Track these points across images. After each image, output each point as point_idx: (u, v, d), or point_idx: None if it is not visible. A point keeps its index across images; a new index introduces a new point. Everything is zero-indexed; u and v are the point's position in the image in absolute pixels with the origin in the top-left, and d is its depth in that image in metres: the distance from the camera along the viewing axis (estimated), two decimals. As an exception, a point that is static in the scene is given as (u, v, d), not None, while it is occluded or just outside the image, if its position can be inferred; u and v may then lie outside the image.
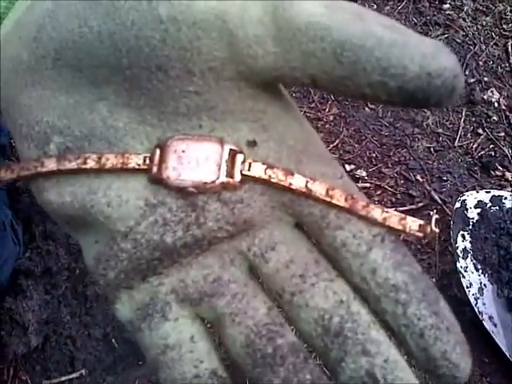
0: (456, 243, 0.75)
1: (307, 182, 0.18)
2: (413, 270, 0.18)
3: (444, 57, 0.16)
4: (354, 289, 0.18)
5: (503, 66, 0.98)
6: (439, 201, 0.85)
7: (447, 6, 1.03)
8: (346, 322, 0.18)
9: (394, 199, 0.86)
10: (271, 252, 0.19)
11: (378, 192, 0.86)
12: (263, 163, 0.19)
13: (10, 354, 0.69)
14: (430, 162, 0.89)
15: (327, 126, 0.91)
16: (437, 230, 0.18)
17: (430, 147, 0.90)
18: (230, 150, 0.18)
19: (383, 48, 0.16)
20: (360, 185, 0.86)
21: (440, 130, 0.92)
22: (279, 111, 0.19)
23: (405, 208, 0.85)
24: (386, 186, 0.87)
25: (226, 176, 0.18)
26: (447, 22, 1.02)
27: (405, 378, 0.17)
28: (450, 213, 0.82)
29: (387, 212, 0.18)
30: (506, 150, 0.90)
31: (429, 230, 0.18)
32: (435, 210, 0.84)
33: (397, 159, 0.89)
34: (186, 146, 0.18)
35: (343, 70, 0.16)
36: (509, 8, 1.03)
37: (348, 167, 0.87)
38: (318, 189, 0.18)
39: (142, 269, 0.19)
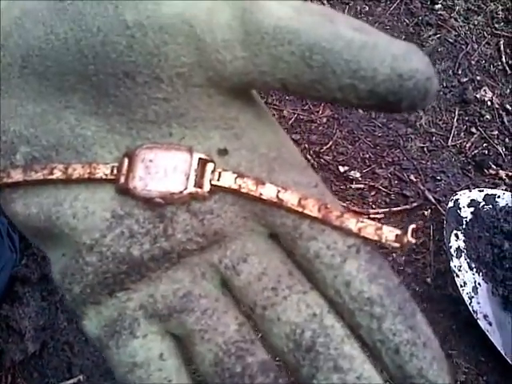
0: (449, 242, 0.75)
1: (278, 191, 0.18)
2: (389, 283, 0.17)
3: (416, 58, 0.15)
4: (329, 302, 0.18)
5: (495, 64, 0.98)
6: (433, 200, 0.85)
7: (439, 6, 1.04)
8: (318, 337, 0.17)
9: (388, 200, 0.86)
10: (243, 264, 0.18)
11: (372, 193, 0.87)
12: (234, 172, 0.18)
13: (8, 361, 0.69)
14: (423, 162, 0.89)
15: (320, 127, 0.92)
16: (413, 241, 0.17)
17: (423, 147, 0.91)
18: (200, 159, 0.18)
19: (352, 50, 0.15)
20: (354, 186, 0.87)
21: (433, 130, 0.92)
22: (252, 118, 0.19)
23: (399, 208, 0.85)
24: (380, 187, 0.87)
25: (195, 186, 0.18)
26: (439, 22, 1.02)
27: None
28: (444, 212, 0.82)
29: (362, 222, 0.18)
30: (500, 149, 0.90)
31: (405, 240, 0.17)
32: (429, 211, 0.84)
33: (390, 160, 0.89)
34: (155, 155, 0.18)
35: (313, 73, 0.16)
36: (500, 7, 1.03)
37: (342, 169, 0.88)
38: (290, 198, 0.18)
39: (109, 283, 0.18)
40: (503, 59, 0.98)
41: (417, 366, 0.16)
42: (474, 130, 0.92)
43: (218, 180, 0.18)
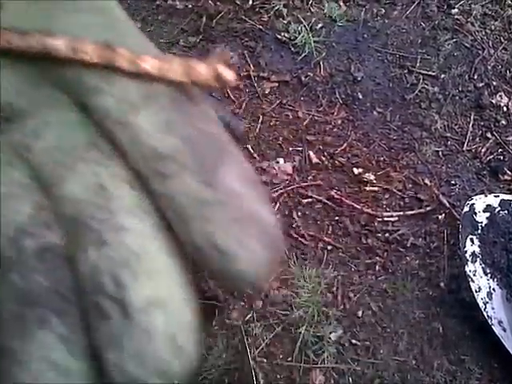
0: (464, 247, 0.75)
1: (45, 39, 0.14)
2: (191, 132, 0.14)
3: None
4: (130, 168, 0.15)
5: (512, 70, 0.98)
6: (448, 205, 0.85)
7: (456, 10, 1.03)
8: (94, 211, 0.14)
9: (402, 203, 0.86)
10: (36, 140, 0.15)
11: (386, 196, 0.86)
12: (5, 29, 0.15)
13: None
14: (438, 166, 0.89)
15: (335, 129, 0.91)
16: (234, 78, 0.14)
17: (438, 151, 0.90)
18: None
19: None
20: (368, 188, 0.86)
21: (448, 134, 0.92)
22: None
23: (413, 212, 0.85)
24: (394, 190, 0.87)
25: None
26: (456, 27, 1.02)
27: (147, 269, 0.13)
28: (458, 217, 0.82)
29: (165, 61, 0.14)
30: (515, 155, 0.90)
31: (224, 76, 0.14)
32: (443, 215, 0.84)
33: (405, 163, 0.89)
34: None
35: None
36: (517, 12, 1.03)
37: (356, 171, 0.88)
38: (57, 44, 0.14)
39: None
40: (520, 65, 0.98)
41: (203, 229, 0.13)
42: (489, 135, 0.92)
43: None
